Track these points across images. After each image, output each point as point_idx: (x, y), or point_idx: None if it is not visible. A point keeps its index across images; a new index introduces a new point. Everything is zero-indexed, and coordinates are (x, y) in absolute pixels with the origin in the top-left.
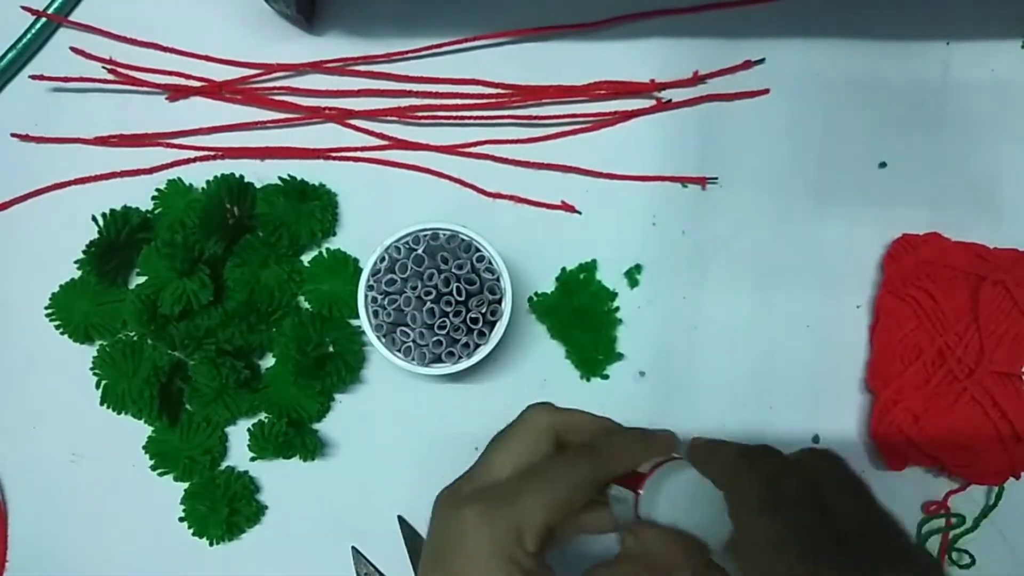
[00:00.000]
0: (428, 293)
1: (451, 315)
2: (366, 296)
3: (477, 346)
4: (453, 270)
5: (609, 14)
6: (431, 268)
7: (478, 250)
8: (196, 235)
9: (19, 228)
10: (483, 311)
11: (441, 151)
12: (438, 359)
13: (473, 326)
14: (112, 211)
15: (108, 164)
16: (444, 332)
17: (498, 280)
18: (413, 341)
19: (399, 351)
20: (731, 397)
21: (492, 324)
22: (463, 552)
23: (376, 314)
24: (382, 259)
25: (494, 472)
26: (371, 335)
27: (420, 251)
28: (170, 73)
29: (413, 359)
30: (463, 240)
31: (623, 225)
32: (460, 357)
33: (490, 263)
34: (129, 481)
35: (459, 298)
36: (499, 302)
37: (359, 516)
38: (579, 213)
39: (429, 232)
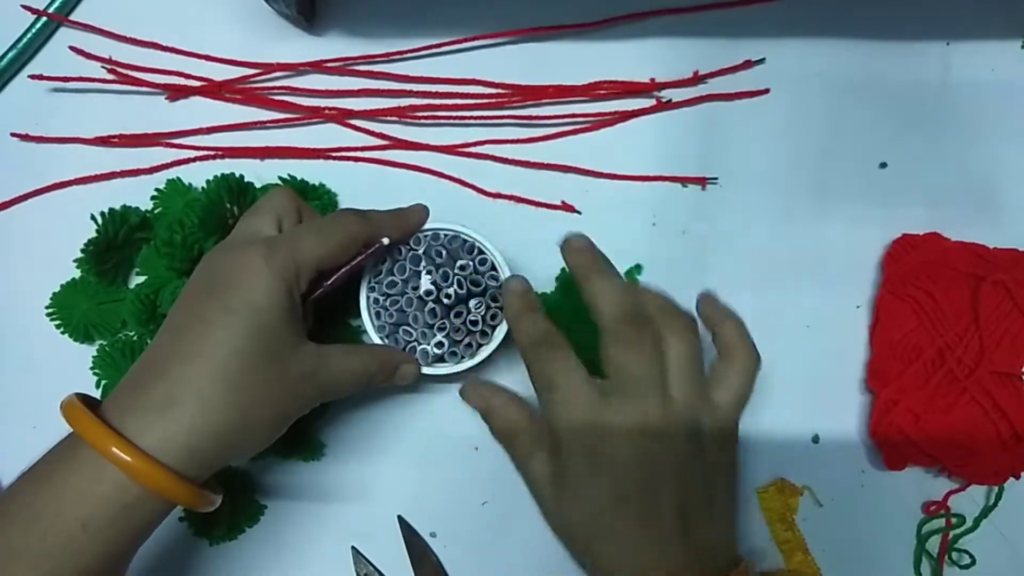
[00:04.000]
0: (429, 293)
1: (452, 315)
2: (367, 297)
3: (480, 346)
4: (456, 271)
5: (609, 14)
6: (431, 267)
7: (481, 252)
8: (195, 235)
9: (19, 228)
10: (482, 314)
11: (441, 151)
12: (440, 359)
13: (473, 328)
14: (111, 210)
15: (108, 164)
16: (445, 332)
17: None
18: (416, 341)
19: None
20: None
21: (494, 326)
22: (244, 279)
23: (378, 315)
24: (383, 260)
25: (259, 231)
26: (374, 336)
27: (420, 251)
28: (170, 73)
29: (416, 360)
30: (465, 241)
31: (623, 225)
32: (462, 357)
33: (493, 266)
34: None
35: (460, 292)
36: (502, 308)
37: (359, 516)
38: (579, 213)
39: (430, 232)
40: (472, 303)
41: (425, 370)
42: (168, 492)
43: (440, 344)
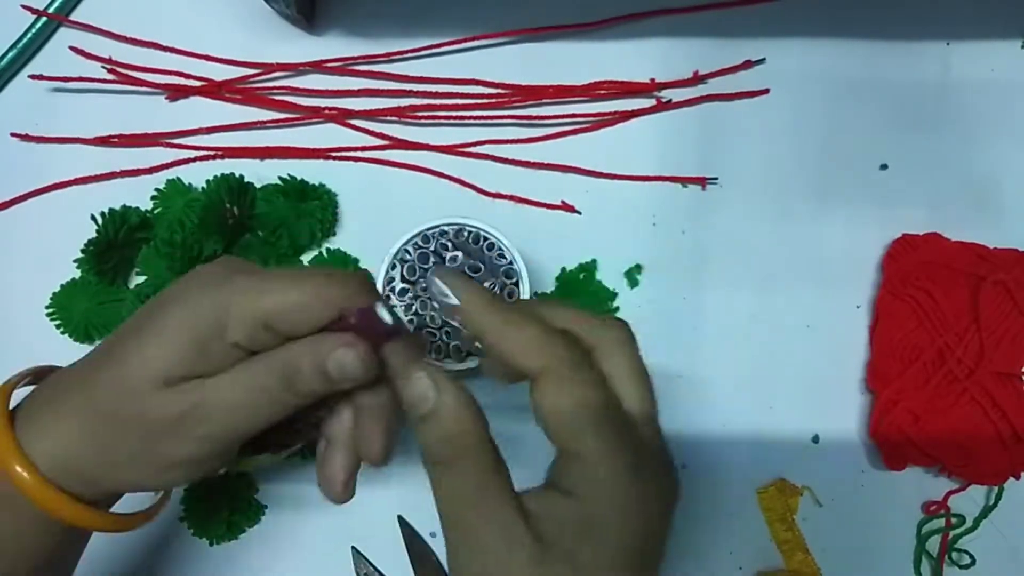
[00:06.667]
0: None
1: None
2: None
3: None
4: (465, 264)
5: (609, 14)
6: (439, 263)
7: (486, 239)
8: (195, 235)
9: (19, 228)
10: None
11: (441, 151)
12: (448, 355)
13: None
14: (111, 210)
15: (108, 164)
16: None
17: (512, 264)
18: (441, 341)
19: (429, 352)
20: (731, 397)
21: None
22: (161, 317)
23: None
24: (392, 266)
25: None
26: None
27: (429, 250)
28: (170, 73)
29: (448, 357)
30: (470, 232)
31: (623, 225)
32: (465, 355)
33: (500, 250)
34: None
35: (473, 275)
36: (516, 284)
37: (359, 516)
38: (579, 213)
39: (435, 229)
40: (486, 286)
41: (456, 366)
42: (36, 496)
43: (443, 341)
